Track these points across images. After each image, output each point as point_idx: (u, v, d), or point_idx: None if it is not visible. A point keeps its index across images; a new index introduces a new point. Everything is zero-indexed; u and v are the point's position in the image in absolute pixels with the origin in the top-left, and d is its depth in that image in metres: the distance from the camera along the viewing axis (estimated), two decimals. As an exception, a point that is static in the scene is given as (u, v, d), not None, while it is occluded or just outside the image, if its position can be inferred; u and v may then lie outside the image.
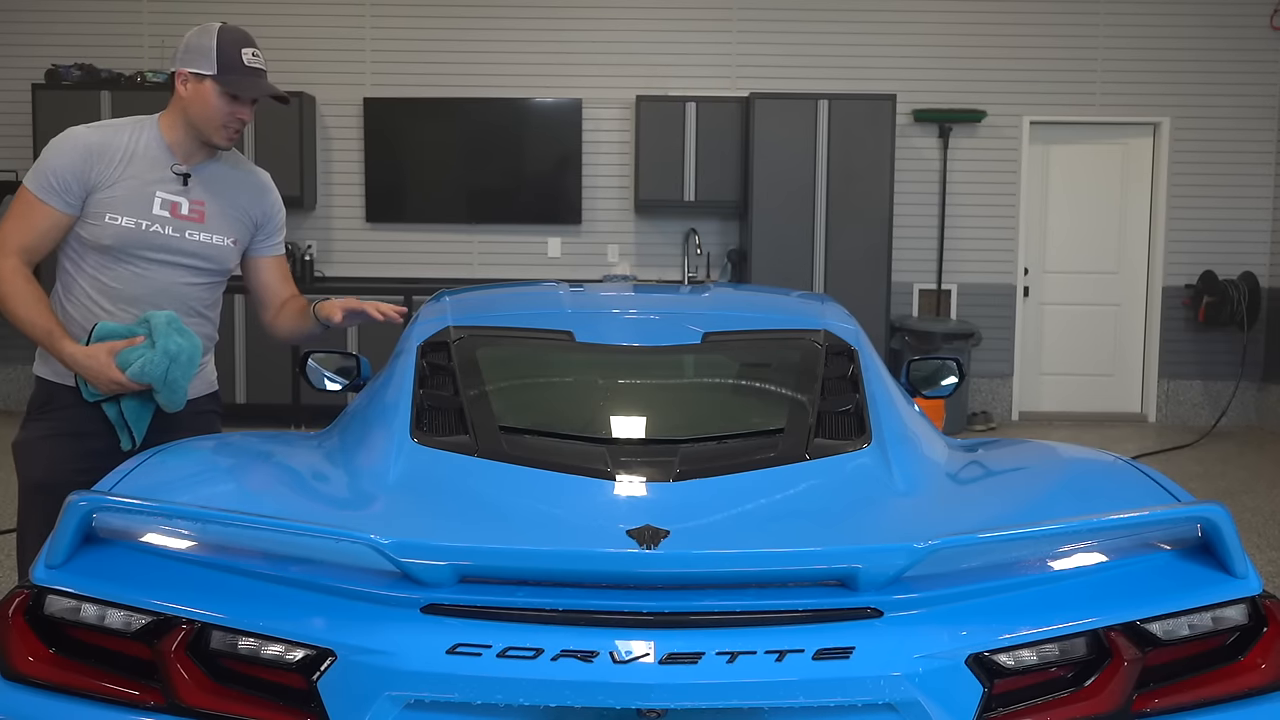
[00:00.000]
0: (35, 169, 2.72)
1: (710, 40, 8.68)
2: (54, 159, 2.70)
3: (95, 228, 2.72)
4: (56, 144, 2.73)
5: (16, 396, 8.54)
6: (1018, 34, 8.67)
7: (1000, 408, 8.85)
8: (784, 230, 8.09)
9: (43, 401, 2.80)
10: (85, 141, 2.72)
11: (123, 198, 2.72)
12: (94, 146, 2.72)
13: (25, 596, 1.80)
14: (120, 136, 2.76)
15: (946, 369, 3.35)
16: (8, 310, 2.68)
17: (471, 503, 2.10)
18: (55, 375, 2.78)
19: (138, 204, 2.74)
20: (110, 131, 2.76)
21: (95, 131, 2.76)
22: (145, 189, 2.75)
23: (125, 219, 2.73)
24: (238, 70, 2.74)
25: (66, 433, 2.75)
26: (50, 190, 2.69)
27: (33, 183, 2.71)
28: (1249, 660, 1.83)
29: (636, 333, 2.79)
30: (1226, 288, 8.53)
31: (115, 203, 2.72)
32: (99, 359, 2.62)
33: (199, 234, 2.81)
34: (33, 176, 2.72)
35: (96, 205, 2.71)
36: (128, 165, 2.73)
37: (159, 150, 2.77)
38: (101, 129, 2.77)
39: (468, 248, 8.72)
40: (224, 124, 2.77)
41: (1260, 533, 5.75)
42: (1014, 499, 2.25)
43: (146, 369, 2.60)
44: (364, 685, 1.68)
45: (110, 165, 2.72)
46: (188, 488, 2.19)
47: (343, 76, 8.57)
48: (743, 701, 1.67)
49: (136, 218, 2.74)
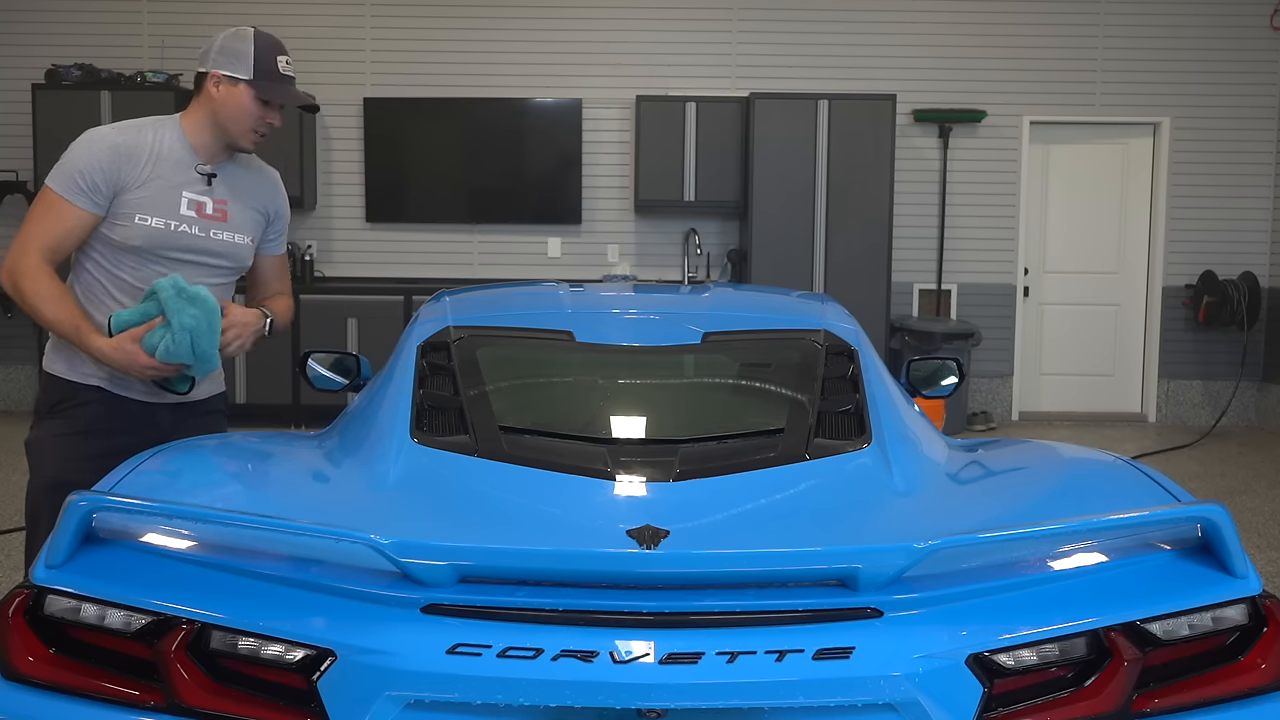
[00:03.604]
0: (60, 169, 2.70)
1: (710, 40, 8.68)
2: (81, 159, 2.68)
3: (124, 228, 2.71)
4: (83, 144, 2.70)
5: (16, 396, 8.51)
6: (1018, 34, 8.67)
7: (1000, 408, 8.85)
8: (784, 230, 8.09)
9: (58, 400, 2.77)
10: (112, 142, 2.70)
11: (151, 198, 2.72)
12: (121, 147, 2.70)
13: (25, 596, 1.80)
14: (144, 136, 2.75)
15: (946, 369, 3.35)
16: (33, 309, 2.66)
17: (471, 503, 2.10)
18: (71, 373, 2.76)
19: (166, 204, 2.74)
20: (134, 132, 2.76)
21: (121, 132, 2.75)
22: (172, 190, 2.75)
23: (154, 219, 2.72)
24: (273, 76, 2.75)
25: (85, 430, 2.74)
26: (77, 190, 2.67)
27: (58, 183, 2.68)
28: (1249, 660, 1.83)
29: (636, 333, 2.79)
30: (1226, 288, 8.53)
31: (144, 203, 2.71)
32: (125, 349, 2.61)
33: (222, 233, 2.83)
34: (58, 176, 2.69)
35: (125, 206, 2.70)
36: (154, 166, 2.73)
37: (183, 151, 2.77)
38: (125, 130, 2.76)
39: (468, 248, 8.72)
40: (253, 128, 2.78)
41: (1260, 533, 5.75)
42: (1014, 499, 2.25)
43: (172, 349, 2.59)
44: (364, 685, 1.68)
45: (137, 166, 2.71)
46: (188, 488, 2.20)
47: (343, 76, 8.56)
48: (743, 701, 1.67)
49: (165, 218, 2.73)
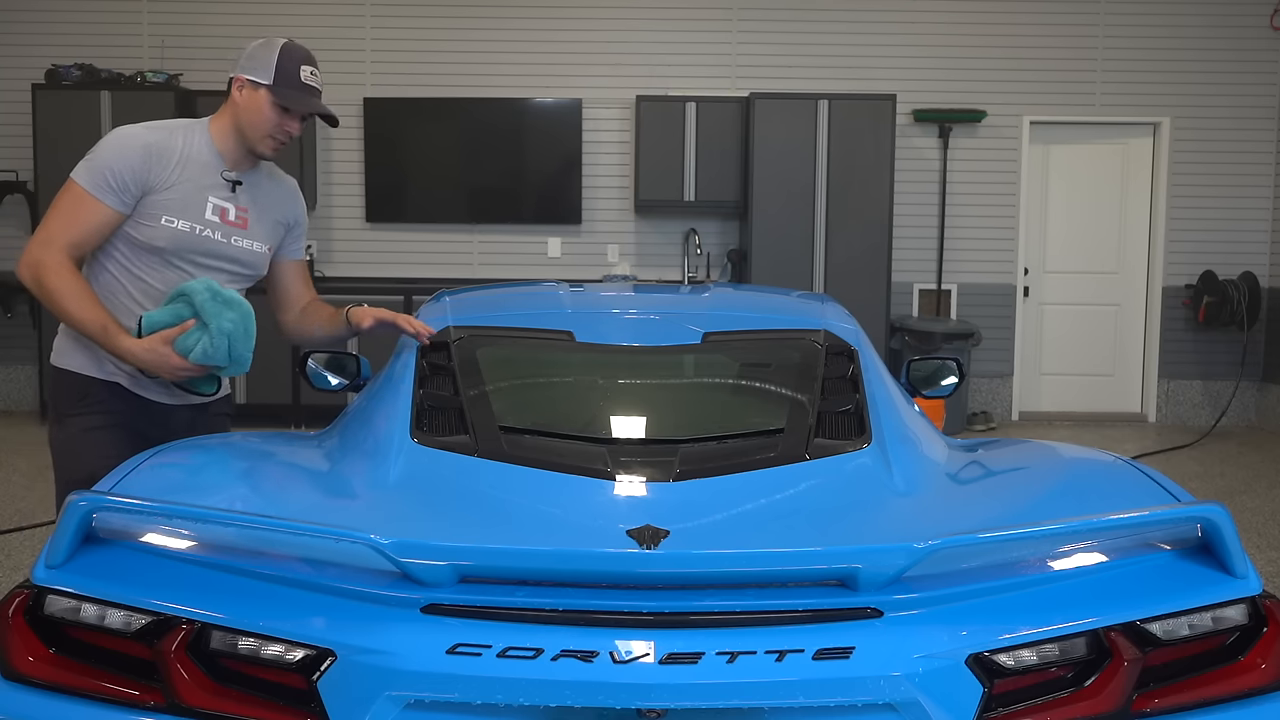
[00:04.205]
0: (89, 165, 2.67)
1: (710, 40, 8.67)
2: (112, 156, 2.66)
3: (150, 229, 2.70)
4: (115, 142, 2.69)
5: (16, 396, 8.50)
6: (1018, 34, 8.67)
7: (1000, 408, 8.85)
8: (784, 230, 8.09)
9: (81, 394, 2.75)
10: (144, 141, 2.69)
11: (178, 200, 2.71)
12: (153, 147, 2.69)
13: (25, 596, 1.80)
14: (175, 139, 2.74)
15: (946, 369, 3.35)
16: (58, 306, 2.62)
17: (471, 503, 2.11)
18: (92, 369, 2.74)
19: (192, 208, 2.73)
20: (165, 133, 2.74)
21: (152, 132, 2.73)
22: (199, 193, 2.74)
23: (180, 222, 2.71)
24: (293, 85, 2.74)
25: (115, 424, 2.73)
26: (106, 188, 2.64)
27: (86, 178, 2.65)
28: (1249, 660, 1.83)
29: (636, 333, 2.79)
30: (1226, 288, 8.53)
31: (171, 205, 2.70)
32: (158, 350, 2.59)
33: (242, 240, 2.82)
34: (86, 172, 2.66)
35: (152, 207, 2.69)
36: (183, 168, 2.72)
37: (210, 155, 2.77)
38: (157, 130, 2.74)
39: (468, 248, 8.72)
40: (270, 134, 2.77)
41: (1260, 533, 5.75)
42: (1014, 499, 2.25)
43: (209, 352, 2.59)
44: (364, 685, 1.68)
45: (167, 167, 2.70)
46: (188, 488, 2.19)
47: (343, 76, 8.56)
48: (743, 701, 1.67)
49: (191, 221, 2.72)
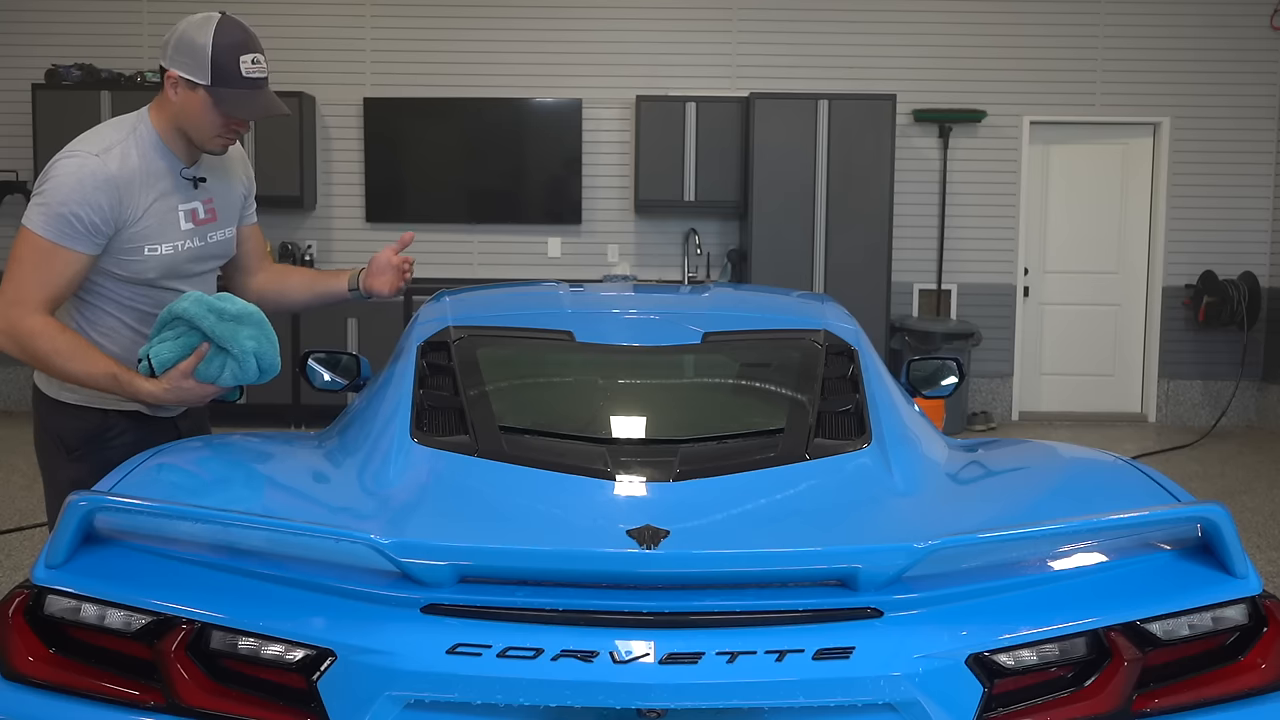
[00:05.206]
0: (47, 211, 2.40)
1: (710, 40, 8.67)
2: (74, 199, 2.39)
3: (136, 263, 2.51)
4: (71, 181, 2.40)
5: (16, 397, 8.54)
6: (1018, 34, 8.67)
7: (1000, 408, 8.85)
8: (784, 230, 8.09)
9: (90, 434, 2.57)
10: (106, 175, 2.42)
11: (155, 227, 2.52)
12: (116, 180, 2.44)
13: (25, 596, 1.80)
14: (130, 157, 2.48)
15: (946, 369, 3.35)
16: (56, 369, 2.43)
17: (471, 503, 2.11)
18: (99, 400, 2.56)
19: (169, 227, 2.55)
20: (119, 156, 2.47)
21: (106, 160, 2.44)
22: (170, 211, 2.55)
23: (164, 246, 2.54)
24: (234, 82, 2.46)
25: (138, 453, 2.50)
26: (73, 234, 2.40)
27: (47, 226, 2.39)
28: (1249, 660, 1.83)
29: (636, 333, 2.79)
30: (1226, 288, 8.52)
31: (150, 233, 2.51)
32: (182, 386, 2.42)
33: (216, 232, 2.68)
34: (45, 219, 2.40)
35: (130, 240, 2.49)
36: (149, 189, 2.51)
37: (165, 159, 2.55)
38: (109, 155, 2.46)
39: (468, 248, 8.72)
40: (218, 134, 2.54)
41: (1260, 533, 5.75)
42: (1014, 499, 2.25)
43: (239, 375, 2.47)
44: (364, 685, 1.68)
45: (136, 196, 2.48)
46: (188, 487, 2.20)
47: (343, 76, 8.56)
48: (743, 701, 1.67)
49: (172, 242, 2.55)
